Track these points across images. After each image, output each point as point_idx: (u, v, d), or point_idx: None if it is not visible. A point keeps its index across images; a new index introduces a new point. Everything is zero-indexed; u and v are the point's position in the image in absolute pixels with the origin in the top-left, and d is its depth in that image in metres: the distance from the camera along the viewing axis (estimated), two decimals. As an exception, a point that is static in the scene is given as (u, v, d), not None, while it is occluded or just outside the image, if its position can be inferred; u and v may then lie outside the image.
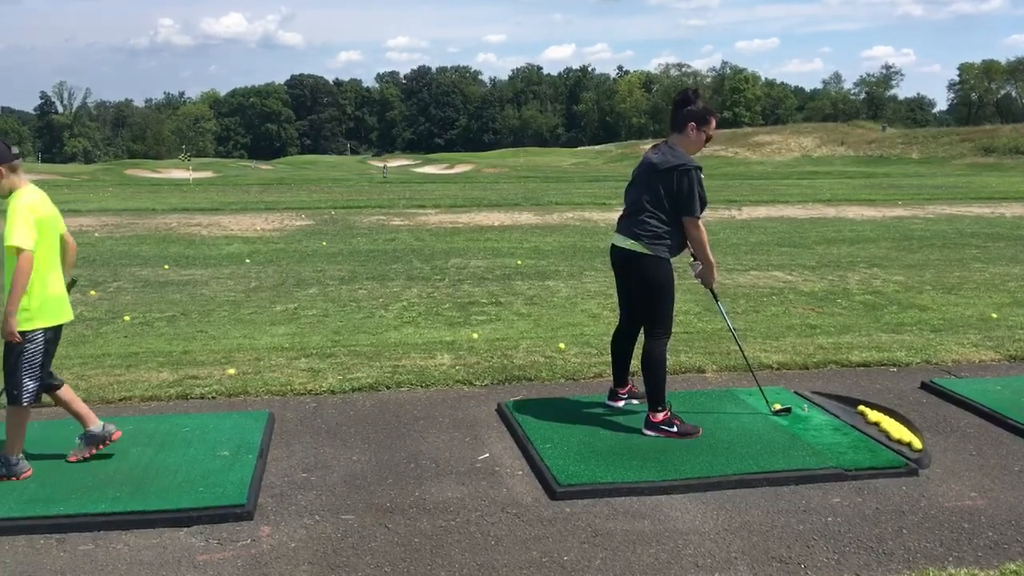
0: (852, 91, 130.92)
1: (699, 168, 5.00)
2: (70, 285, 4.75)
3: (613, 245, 5.25)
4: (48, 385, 4.61)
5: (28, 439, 4.95)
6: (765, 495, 4.36)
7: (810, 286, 10.90)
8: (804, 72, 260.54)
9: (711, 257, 5.20)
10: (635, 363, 5.50)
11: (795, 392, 5.93)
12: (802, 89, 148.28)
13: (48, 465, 4.60)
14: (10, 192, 4.45)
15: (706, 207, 5.11)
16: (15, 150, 4.51)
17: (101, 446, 4.66)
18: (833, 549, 3.81)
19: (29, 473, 4.45)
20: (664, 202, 4.99)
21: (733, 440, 4.96)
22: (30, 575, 3.59)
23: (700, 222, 5.06)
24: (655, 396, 5.08)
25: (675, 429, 5.03)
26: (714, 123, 5.09)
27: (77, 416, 4.72)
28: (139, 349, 7.56)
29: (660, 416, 5.06)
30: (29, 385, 4.44)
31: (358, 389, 6.16)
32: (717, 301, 5.71)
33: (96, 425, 4.69)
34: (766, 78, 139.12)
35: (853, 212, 22.89)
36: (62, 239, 4.65)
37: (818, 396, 5.83)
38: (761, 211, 23.32)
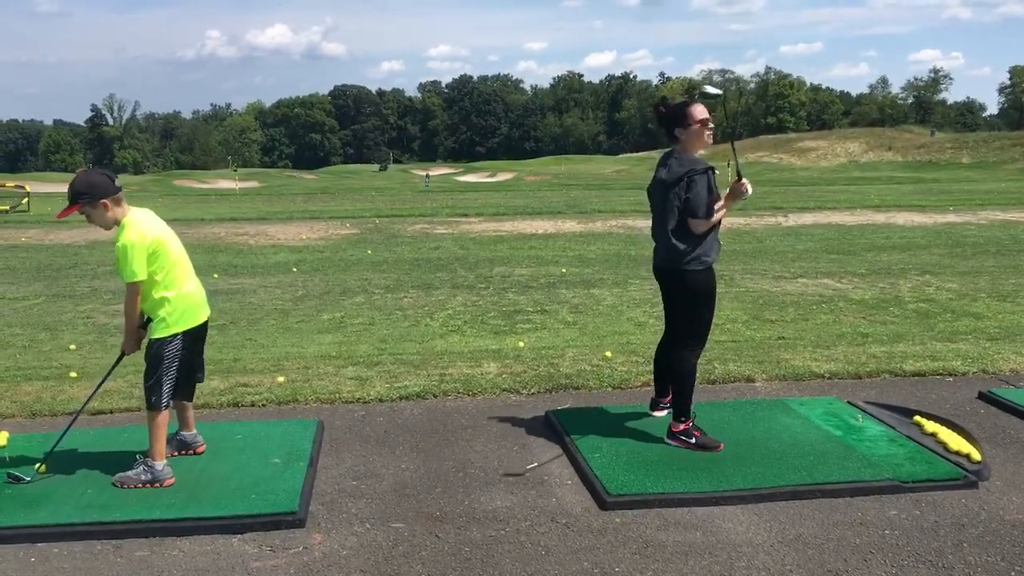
0: (900, 95, 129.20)
1: (710, 168, 4.85)
2: None
3: (653, 261, 5.19)
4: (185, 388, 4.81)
5: (84, 444, 5.07)
6: (819, 507, 4.28)
7: (860, 294, 10.72)
8: (850, 76, 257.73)
9: (727, 204, 4.91)
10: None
11: (848, 402, 5.83)
12: (848, 94, 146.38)
13: (105, 470, 4.67)
14: (115, 223, 4.50)
15: (710, 210, 4.84)
16: (118, 183, 4.57)
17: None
18: (891, 563, 3.73)
19: (172, 481, 4.49)
20: (681, 213, 4.89)
21: (785, 451, 4.88)
22: (88, 580, 3.65)
23: (706, 221, 4.83)
24: (680, 406, 5.05)
25: (694, 441, 4.97)
26: (695, 109, 4.89)
27: (183, 421, 4.91)
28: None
29: (681, 427, 5.02)
30: (165, 388, 4.55)
31: (405, 397, 6.18)
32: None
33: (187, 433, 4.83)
34: (811, 83, 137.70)
35: (903, 218, 22.51)
36: None
37: (872, 406, 5.72)
38: (808, 218, 23.03)
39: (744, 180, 4.85)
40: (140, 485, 4.45)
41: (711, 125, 4.89)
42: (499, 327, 8.95)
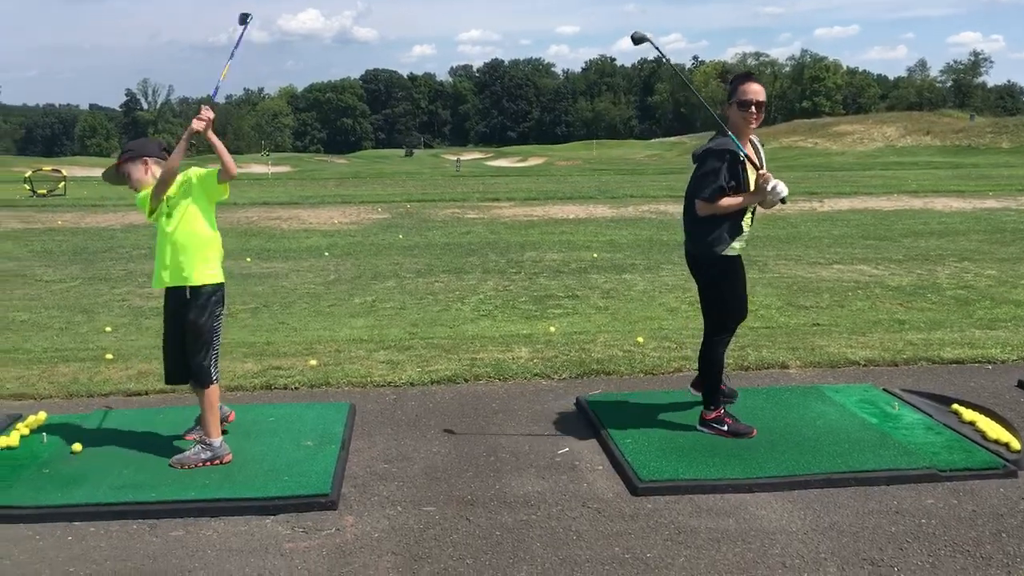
0: (938, 79, 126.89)
1: (729, 152, 4.63)
2: None
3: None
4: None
5: (120, 424, 5.15)
6: (854, 495, 4.23)
7: (897, 280, 10.57)
8: (887, 60, 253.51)
9: (746, 199, 4.70)
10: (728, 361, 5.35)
11: (884, 389, 5.75)
12: (885, 77, 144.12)
13: (141, 450, 4.73)
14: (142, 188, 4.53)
15: (714, 193, 4.64)
16: (165, 155, 4.62)
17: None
18: (928, 552, 3.68)
19: (231, 457, 4.56)
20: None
21: (820, 438, 4.82)
22: (123, 560, 3.69)
23: (708, 204, 4.66)
24: (708, 394, 5.01)
25: (726, 428, 4.92)
26: (748, 87, 4.68)
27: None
28: (224, 340, 7.68)
29: (712, 414, 4.98)
30: (215, 362, 4.64)
31: (437, 381, 6.19)
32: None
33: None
34: (847, 66, 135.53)
35: (941, 204, 22.14)
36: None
37: (909, 394, 5.63)
38: (844, 203, 22.73)
39: (769, 174, 4.64)
40: (201, 464, 4.51)
41: (752, 109, 4.67)
42: (530, 312, 8.94)
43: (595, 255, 13.31)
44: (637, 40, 4.81)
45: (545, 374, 6.34)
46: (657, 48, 4.93)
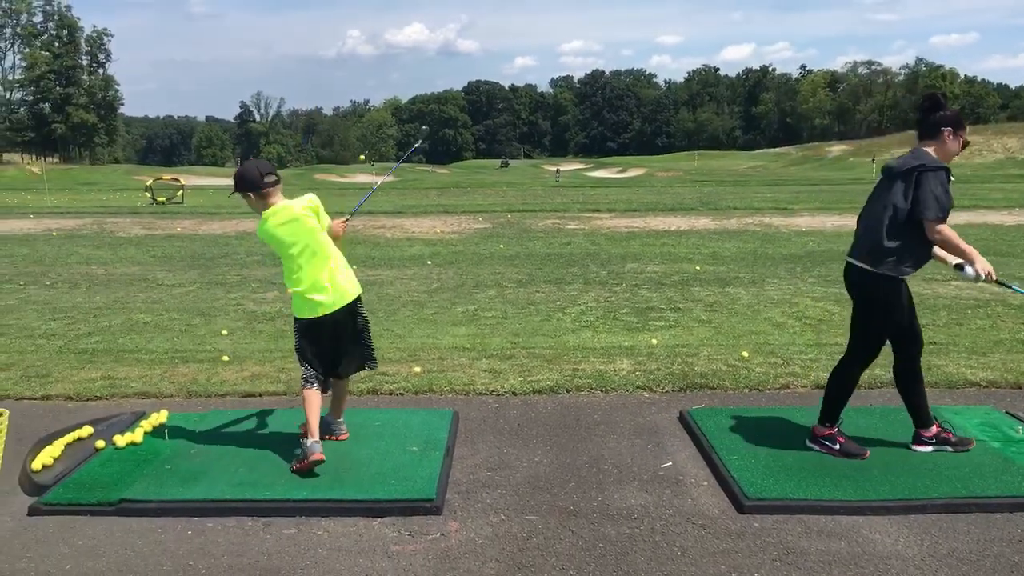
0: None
1: (946, 170, 4.48)
2: None
3: (848, 254, 4.82)
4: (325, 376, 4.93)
5: (235, 425, 5.36)
6: (975, 522, 4.05)
7: (1021, 298, 10.06)
8: (1008, 68, 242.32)
9: (967, 248, 4.50)
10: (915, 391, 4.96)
11: (1007, 412, 5.48)
12: (1006, 86, 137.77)
13: (255, 450, 4.91)
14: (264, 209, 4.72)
15: (947, 213, 4.46)
16: (268, 178, 4.66)
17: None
18: (1056, 586, 3.49)
19: (318, 456, 4.62)
20: (900, 211, 4.50)
21: (938, 461, 4.64)
22: (239, 555, 3.83)
23: (941, 225, 4.43)
24: (827, 411, 4.87)
25: (838, 447, 4.79)
26: (966, 127, 4.64)
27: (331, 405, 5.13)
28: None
29: (825, 431, 4.85)
30: (302, 370, 4.83)
31: (539, 391, 6.21)
32: (1009, 287, 4.97)
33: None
34: (965, 75, 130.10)
35: (1067, 218, 20.98)
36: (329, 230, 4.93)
37: (1034, 418, 5.36)
38: (961, 217, 21.77)
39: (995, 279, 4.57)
40: (298, 463, 4.61)
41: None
42: (632, 324, 8.87)
43: (697, 267, 13.12)
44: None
45: (647, 387, 6.29)
46: None
